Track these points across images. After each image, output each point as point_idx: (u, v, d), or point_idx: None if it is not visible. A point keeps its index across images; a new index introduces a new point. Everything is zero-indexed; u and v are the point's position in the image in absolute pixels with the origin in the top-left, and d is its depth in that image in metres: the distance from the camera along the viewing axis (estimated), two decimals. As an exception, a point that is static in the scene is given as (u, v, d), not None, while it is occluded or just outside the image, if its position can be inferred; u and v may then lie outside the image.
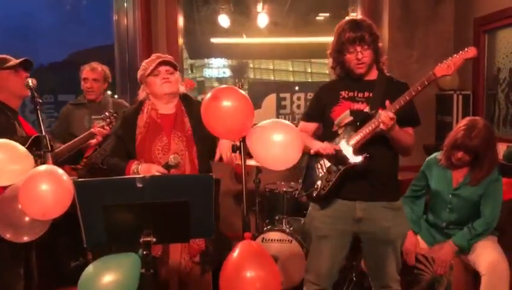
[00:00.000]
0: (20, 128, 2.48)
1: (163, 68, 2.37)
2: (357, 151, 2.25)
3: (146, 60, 2.45)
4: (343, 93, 2.37)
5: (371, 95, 2.32)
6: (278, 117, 4.88)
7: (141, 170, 2.29)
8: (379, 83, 2.34)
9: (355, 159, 2.24)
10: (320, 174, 2.36)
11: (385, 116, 2.11)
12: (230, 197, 4.29)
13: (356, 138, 2.25)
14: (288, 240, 3.39)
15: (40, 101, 2.28)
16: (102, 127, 3.03)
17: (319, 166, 2.38)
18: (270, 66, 5.68)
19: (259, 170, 3.76)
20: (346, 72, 2.37)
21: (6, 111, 2.48)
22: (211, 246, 2.40)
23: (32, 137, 2.33)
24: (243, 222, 1.96)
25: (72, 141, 2.98)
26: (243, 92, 1.95)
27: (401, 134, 2.23)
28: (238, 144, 2.03)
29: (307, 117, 2.53)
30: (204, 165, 2.44)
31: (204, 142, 2.41)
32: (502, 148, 3.31)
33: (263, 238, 3.44)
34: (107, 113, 3.10)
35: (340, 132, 2.33)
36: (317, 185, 2.35)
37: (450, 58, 2.15)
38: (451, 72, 2.14)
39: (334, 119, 2.36)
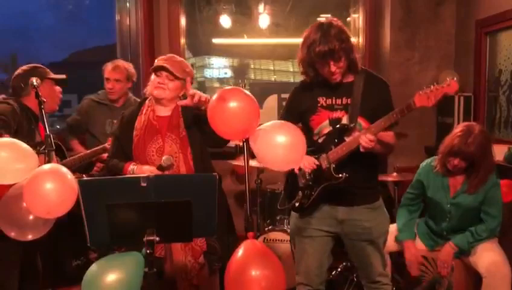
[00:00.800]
0: (38, 136, 2.56)
1: (165, 72, 2.37)
2: (336, 167, 2.24)
3: (159, 57, 2.46)
4: (321, 101, 2.33)
5: (349, 101, 2.29)
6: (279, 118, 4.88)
7: (136, 171, 2.32)
8: (357, 87, 2.29)
9: (335, 177, 2.23)
10: (301, 186, 2.36)
11: (366, 141, 2.11)
12: (231, 197, 4.29)
13: (336, 155, 2.24)
14: (290, 241, 3.39)
15: (44, 100, 2.30)
16: None
17: (300, 175, 2.36)
18: (271, 66, 5.69)
19: (260, 170, 3.77)
20: (320, 76, 2.29)
21: (31, 117, 2.57)
22: (216, 244, 2.41)
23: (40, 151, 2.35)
24: (246, 221, 1.97)
25: (84, 153, 3.00)
26: (248, 93, 1.96)
27: (382, 146, 2.23)
28: (241, 144, 2.04)
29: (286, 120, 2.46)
30: (200, 166, 2.43)
31: (200, 143, 2.43)
32: (503, 150, 3.32)
33: (265, 238, 3.45)
34: None
35: (320, 141, 2.33)
36: (299, 196, 2.36)
37: (430, 87, 2.09)
38: (431, 105, 2.10)
39: (313, 128, 2.35)
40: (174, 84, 2.38)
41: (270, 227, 3.57)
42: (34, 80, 2.33)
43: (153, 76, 2.41)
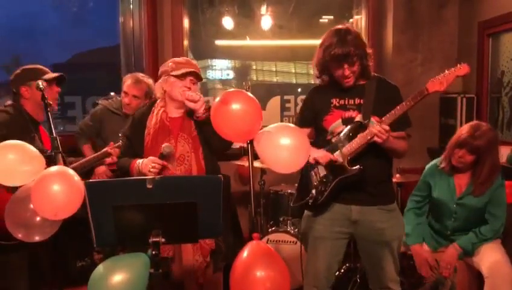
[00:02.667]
0: (39, 142, 2.53)
1: (189, 76, 2.40)
2: (351, 161, 2.26)
3: (175, 59, 2.47)
4: (334, 101, 2.37)
5: (361, 101, 2.33)
6: (282, 119, 4.91)
7: (141, 164, 2.34)
8: (369, 88, 2.33)
9: (350, 169, 2.26)
10: (315, 183, 2.38)
11: (380, 130, 2.13)
12: (235, 198, 4.31)
13: (350, 148, 2.26)
14: (293, 242, 3.41)
15: (51, 103, 2.31)
16: (119, 146, 2.90)
17: (314, 174, 2.38)
18: (273, 68, 5.70)
19: (264, 171, 3.78)
20: (334, 80, 2.36)
21: (29, 123, 2.55)
22: (222, 244, 2.43)
23: (47, 154, 2.35)
24: (250, 222, 1.99)
25: (87, 158, 3.00)
26: (251, 95, 1.98)
27: (395, 142, 2.25)
28: (246, 146, 2.05)
29: (301, 122, 2.50)
30: (211, 166, 2.46)
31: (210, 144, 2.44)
32: (505, 152, 3.33)
33: (268, 239, 3.46)
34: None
35: (334, 140, 2.34)
36: (312, 194, 2.36)
37: (442, 74, 2.15)
38: (444, 89, 2.15)
39: (326, 128, 2.37)
40: (195, 88, 2.44)
41: (273, 228, 3.58)
42: (40, 83, 2.33)
43: (172, 79, 2.40)
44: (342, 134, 2.31)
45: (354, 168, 2.24)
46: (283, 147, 1.90)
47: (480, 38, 3.96)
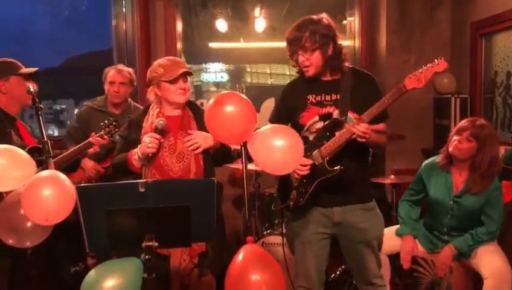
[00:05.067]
0: (16, 137, 2.47)
1: (181, 78, 2.39)
2: (330, 161, 2.24)
3: (161, 62, 2.44)
4: (311, 98, 2.35)
5: (338, 97, 2.31)
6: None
7: (139, 148, 2.32)
8: (344, 83, 2.31)
9: (330, 170, 2.24)
10: (295, 184, 2.37)
11: (363, 130, 2.10)
12: (228, 201, 4.29)
13: (329, 148, 2.24)
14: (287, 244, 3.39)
15: (42, 106, 2.29)
16: (101, 136, 2.92)
17: (294, 174, 2.35)
18: (267, 70, 5.69)
19: (258, 174, 3.77)
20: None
21: (3, 119, 2.48)
22: (210, 249, 2.42)
23: (28, 148, 2.32)
24: (244, 225, 1.97)
25: (70, 150, 2.96)
26: (245, 97, 1.97)
27: (376, 137, 2.23)
28: (239, 148, 2.04)
29: (275, 119, 2.46)
30: (210, 165, 2.47)
31: None
32: (500, 152, 3.33)
33: (263, 242, 3.44)
34: (106, 121, 2.98)
35: (311, 138, 2.34)
36: (293, 195, 2.37)
37: (419, 70, 2.12)
38: (422, 86, 2.11)
39: (303, 124, 2.36)
40: (188, 85, 2.44)
41: (268, 231, 3.56)
42: (31, 86, 2.31)
43: (165, 85, 2.38)
44: (319, 133, 2.29)
45: (335, 168, 2.22)
46: (276, 149, 1.89)
47: (473, 38, 3.97)
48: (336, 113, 2.29)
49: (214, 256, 2.44)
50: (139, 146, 2.34)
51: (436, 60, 2.13)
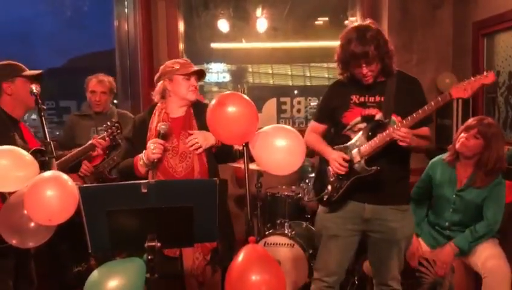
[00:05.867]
0: (20, 140, 2.47)
1: (194, 76, 2.44)
2: (368, 160, 2.27)
3: (178, 60, 2.49)
4: (354, 98, 2.37)
5: (382, 99, 2.32)
6: (278, 121, 4.91)
7: (144, 154, 2.33)
8: (389, 86, 2.33)
9: (367, 169, 2.26)
10: (331, 179, 2.39)
11: (403, 135, 2.12)
12: (231, 201, 4.29)
13: (368, 148, 2.26)
14: (291, 244, 3.39)
15: (45, 107, 2.30)
16: (103, 138, 2.99)
17: (330, 169, 2.39)
18: (269, 70, 5.69)
19: (260, 174, 3.77)
20: (354, 76, 2.35)
21: (7, 122, 2.48)
22: (220, 246, 2.43)
23: (32, 150, 2.33)
24: (246, 226, 1.97)
25: (73, 152, 2.98)
26: (247, 97, 1.97)
27: (418, 142, 2.24)
28: (241, 148, 2.05)
29: (318, 118, 2.54)
30: (213, 164, 2.48)
31: None
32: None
33: (265, 242, 3.45)
34: (108, 123, 3.05)
35: (352, 136, 2.35)
36: (328, 190, 2.39)
37: (467, 80, 2.13)
38: (468, 96, 2.14)
39: (345, 124, 2.38)
40: (197, 88, 2.48)
41: (270, 231, 3.57)
42: (34, 87, 2.32)
43: (179, 78, 2.42)
44: (361, 132, 2.31)
45: (372, 168, 2.25)
46: (278, 149, 1.89)
47: (474, 38, 3.96)
48: (379, 116, 2.31)
49: (224, 251, 2.46)
50: (144, 152, 2.35)
51: (485, 73, 2.14)
